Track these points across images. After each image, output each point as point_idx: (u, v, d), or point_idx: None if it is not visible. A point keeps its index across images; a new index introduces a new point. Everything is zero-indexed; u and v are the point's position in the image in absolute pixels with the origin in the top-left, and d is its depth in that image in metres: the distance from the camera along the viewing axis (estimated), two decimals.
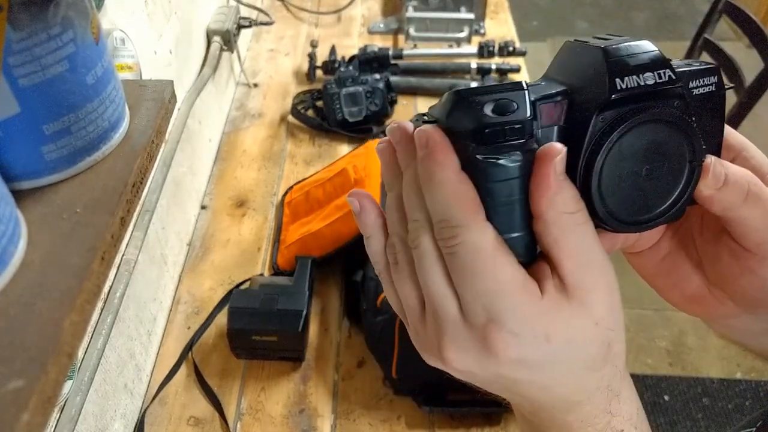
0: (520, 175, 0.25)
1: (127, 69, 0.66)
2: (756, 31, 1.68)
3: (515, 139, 0.25)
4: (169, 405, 0.80)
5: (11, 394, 0.28)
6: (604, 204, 0.26)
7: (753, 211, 0.28)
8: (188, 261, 0.98)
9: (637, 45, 0.26)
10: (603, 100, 0.25)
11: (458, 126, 0.25)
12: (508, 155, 0.25)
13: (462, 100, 0.25)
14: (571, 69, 0.27)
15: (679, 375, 1.78)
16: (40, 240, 0.35)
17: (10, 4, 0.32)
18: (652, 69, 0.26)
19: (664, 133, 0.26)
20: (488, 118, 0.25)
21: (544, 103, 0.26)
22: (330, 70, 1.31)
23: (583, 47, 0.27)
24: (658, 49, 0.26)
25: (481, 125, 0.25)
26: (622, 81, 0.25)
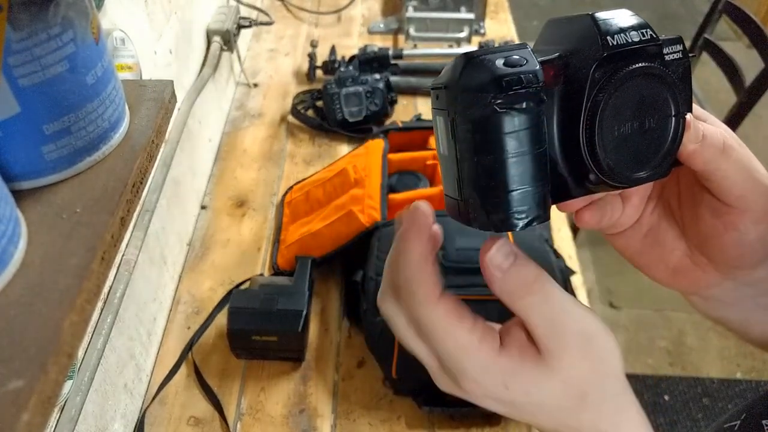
0: (534, 125, 0.26)
1: (127, 69, 0.66)
2: (756, 31, 1.68)
3: (531, 85, 0.26)
4: (169, 405, 0.80)
5: (11, 394, 0.28)
6: (607, 158, 0.27)
7: (731, 164, 0.30)
8: (188, 261, 0.98)
9: (618, 11, 0.29)
10: (597, 56, 0.27)
11: (473, 82, 0.26)
12: (525, 102, 0.26)
13: (473, 59, 0.27)
14: (560, 38, 0.29)
15: (679, 375, 1.78)
16: (40, 240, 0.35)
17: (10, 4, 0.32)
18: (636, 29, 0.28)
19: (652, 87, 0.28)
20: (503, 69, 0.26)
21: (544, 65, 0.27)
22: (330, 70, 1.31)
23: (568, 19, 0.29)
24: (637, 14, 0.29)
25: (497, 75, 0.26)
26: (612, 39, 0.27)
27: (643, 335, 1.88)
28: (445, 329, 0.28)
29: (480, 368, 0.28)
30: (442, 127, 0.28)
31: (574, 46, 0.28)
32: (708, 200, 0.32)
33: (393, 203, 0.91)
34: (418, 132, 1.06)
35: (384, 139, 1.01)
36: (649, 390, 1.73)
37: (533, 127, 0.26)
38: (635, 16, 0.28)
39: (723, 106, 1.80)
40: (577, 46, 0.28)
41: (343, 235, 0.89)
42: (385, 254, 0.90)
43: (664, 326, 1.90)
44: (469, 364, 0.28)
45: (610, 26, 0.27)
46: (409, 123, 1.10)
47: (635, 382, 1.75)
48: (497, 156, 0.26)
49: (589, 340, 0.28)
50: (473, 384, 0.29)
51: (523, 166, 0.26)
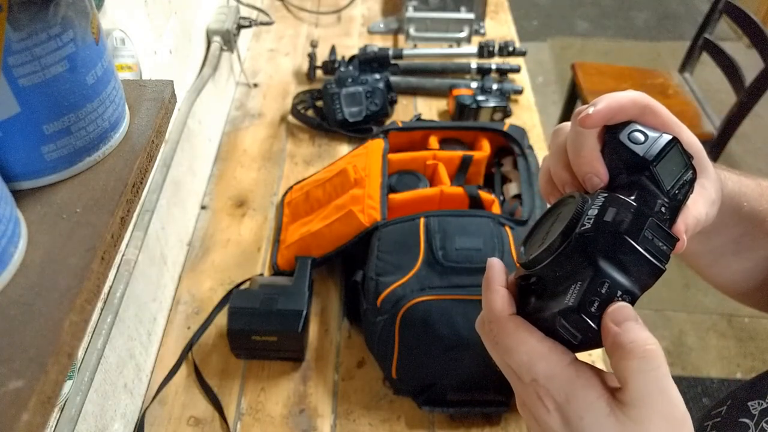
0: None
1: (127, 69, 0.66)
2: (756, 31, 1.68)
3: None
4: (169, 405, 0.80)
5: (11, 394, 0.28)
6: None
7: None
8: (188, 261, 0.98)
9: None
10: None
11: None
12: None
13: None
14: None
15: (679, 375, 1.78)
16: (40, 240, 0.35)
17: (10, 4, 0.32)
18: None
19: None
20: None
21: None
22: (330, 70, 1.31)
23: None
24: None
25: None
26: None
27: None
28: (517, 338, 0.31)
29: (547, 372, 0.30)
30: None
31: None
32: None
33: (393, 203, 0.91)
34: (418, 132, 1.06)
35: (384, 139, 1.01)
36: None
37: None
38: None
39: (723, 106, 1.80)
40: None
41: (343, 235, 0.88)
42: (385, 254, 0.90)
43: (664, 326, 1.90)
44: (539, 367, 0.30)
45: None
46: (409, 123, 1.10)
47: None
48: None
49: (678, 422, 0.28)
50: (542, 389, 0.30)
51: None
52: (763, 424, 0.39)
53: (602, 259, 0.30)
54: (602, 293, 0.30)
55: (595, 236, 0.30)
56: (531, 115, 1.26)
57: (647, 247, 0.30)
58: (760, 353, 1.84)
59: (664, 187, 0.32)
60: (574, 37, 3.24)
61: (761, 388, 0.41)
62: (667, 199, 0.32)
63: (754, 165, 2.47)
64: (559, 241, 0.31)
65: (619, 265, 0.30)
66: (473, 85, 1.25)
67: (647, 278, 0.30)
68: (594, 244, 0.30)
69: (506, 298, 0.32)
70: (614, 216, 0.30)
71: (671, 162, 0.33)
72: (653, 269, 0.30)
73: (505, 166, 1.05)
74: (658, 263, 0.30)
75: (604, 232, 0.30)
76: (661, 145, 0.32)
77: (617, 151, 0.33)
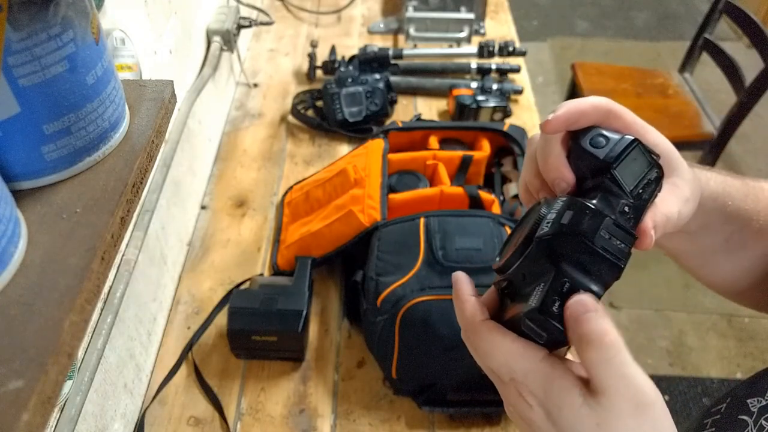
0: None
1: (127, 69, 0.66)
2: (756, 31, 1.68)
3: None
4: (169, 405, 0.80)
5: (11, 394, 0.28)
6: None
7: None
8: (188, 261, 0.98)
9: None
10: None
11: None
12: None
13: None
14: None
15: (679, 375, 1.78)
16: (40, 240, 0.35)
17: (10, 4, 0.32)
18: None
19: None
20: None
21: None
22: (330, 70, 1.31)
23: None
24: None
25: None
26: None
27: (643, 335, 1.88)
28: (491, 341, 0.32)
29: (524, 369, 0.31)
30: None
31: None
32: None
33: (393, 203, 0.91)
34: (418, 132, 1.06)
35: (384, 139, 1.01)
36: None
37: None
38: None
39: (723, 105, 1.80)
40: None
41: (343, 235, 0.88)
42: (385, 254, 0.90)
43: (664, 326, 1.90)
44: (516, 366, 0.31)
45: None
46: (409, 123, 1.10)
47: None
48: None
49: (647, 406, 0.29)
50: (522, 386, 0.31)
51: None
52: (762, 421, 0.39)
53: (562, 261, 0.31)
54: (563, 293, 0.31)
55: (553, 239, 0.31)
56: (531, 115, 1.26)
57: (603, 246, 0.31)
58: (760, 353, 1.84)
59: (626, 188, 0.33)
60: (574, 37, 3.24)
61: (761, 386, 0.41)
62: (631, 199, 0.33)
63: (754, 165, 2.47)
64: (523, 246, 0.33)
65: (578, 265, 0.31)
66: (473, 85, 1.25)
67: (607, 276, 0.31)
68: (553, 246, 0.31)
69: (475, 305, 0.34)
70: (571, 218, 0.31)
71: (633, 162, 0.34)
72: (611, 267, 0.31)
73: (505, 166, 1.05)
74: (616, 261, 0.31)
75: (562, 234, 0.31)
76: (621, 147, 0.34)
77: (580, 156, 0.35)
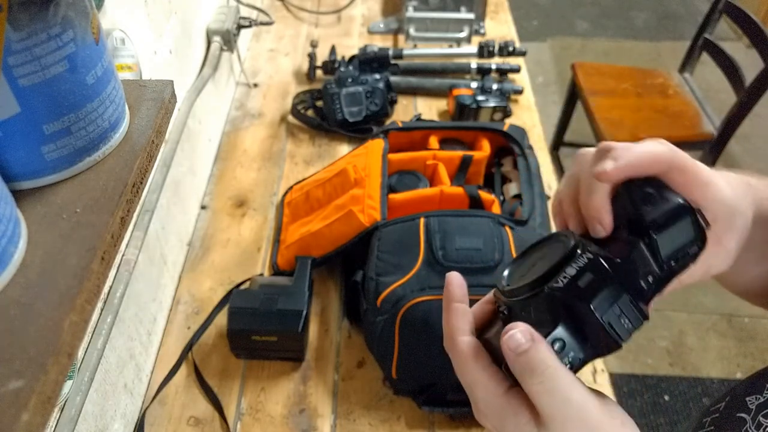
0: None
1: (127, 69, 0.66)
2: (756, 31, 1.68)
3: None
4: (169, 405, 0.80)
5: (11, 394, 0.28)
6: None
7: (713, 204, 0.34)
8: (188, 261, 0.98)
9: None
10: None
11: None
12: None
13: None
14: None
15: (679, 375, 1.78)
16: (40, 240, 0.35)
17: (10, 4, 0.32)
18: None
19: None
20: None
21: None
22: (330, 70, 1.31)
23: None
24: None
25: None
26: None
27: (642, 335, 1.88)
28: (463, 363, 0.33)
29: (485, 402, 0.32)
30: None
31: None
32: None
33: (393, 203, 0.91)
34: (418, 132, 1.06)
35: (384, 139, 1.01)
36: (649, 390, 1.73)
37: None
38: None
39: (723, 105, 1.80)
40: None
41: (343, 235, 0.88)
42: (385, 254, 0.90)
43: (664, 326, 1.90)
44: (478, 395, 0.33)
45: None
46: (409, 123, 1.09)
47: (635, 381, 1.75)
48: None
49: (594, 424, 0.30)
50: (482, 414, 0.33)
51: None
52: (759, 418, 0.39)
53: (563, 321, 0.30)
54: (554, 346, 0.31)
55: (564, 296, 0.30)
56: (531, 115, 1.26)
57: (610, 323, 0.30)
58: (760, 353, 1.84)
59: (661, 258, 0.31)
60: (574, 37, 3.24)
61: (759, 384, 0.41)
62: (659, 271, 0.31)
63: (753, 165, 2.47)
64: (532, 287, 0.32)
65: (577, 332, 0.30)
66: (473, 85, 1.25)
67: (603, 350, 0.31)
68: (560, 303, 0.30)
69: (460, 317, 0.34)
70: (589, 282, 0.30)
71: (677, 232, 0.32)
72: (610, 344, 0.31)
73: (505, 166, 1.05)
74: (617, 339, 0.30)
75: (573, 296, 0.30)
76: (670, 213, 0.31)
77: (625, 207, 0.32)
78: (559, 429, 0.30)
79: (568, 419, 0.30)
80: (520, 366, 0.30)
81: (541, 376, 0.30)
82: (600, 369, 0.84)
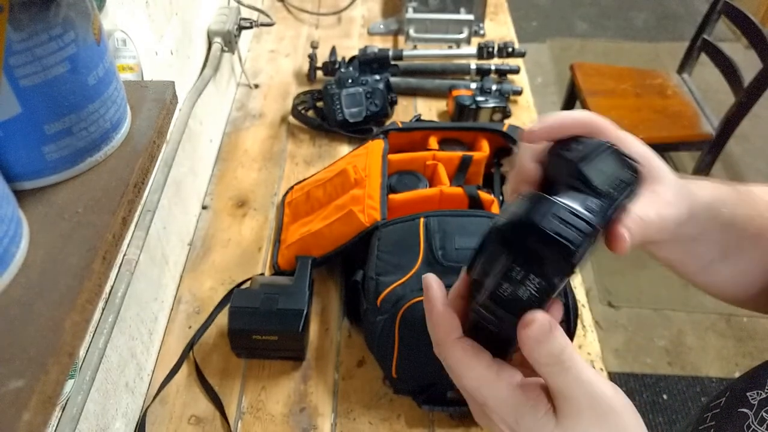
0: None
1: (129, 70, 0.66)
2: (755, 32, 1.68)
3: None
4: (170, 404, 0.80)
5: (12, 394, 0.28)
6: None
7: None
8: (189, 261, 0.98)
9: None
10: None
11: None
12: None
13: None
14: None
15: (678, 374, 1.78)
16: (42, 240, 0.35)
17: (11, 5, 0.32)
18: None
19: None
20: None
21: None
22: (330, 70, 1.31)
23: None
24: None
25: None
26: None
27: (641, 335, 1.88)
28: (465, 364, 0.32)
29: (497, 399, 0.31)
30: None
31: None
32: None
33: (393, 203, 0.91)
34: (417, 132, 1.06)
35: (384, 139, 1.01)
36: (648, 389, 1.73)
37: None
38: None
39: (722, 106, 1.81)
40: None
41: (344, 235, 0.89)
42: (385, 254, 0.90)
43: (663, 326, 1.91)
44: (488, 393, 0.32)
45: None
46: (409, 123, 1.10)
47: (634, 381, 1.75)
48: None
49: (606, 415, 0.30)
50: (493, 413, 0.32)
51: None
52: (762, 413, 0.39)
53: (512, 248, 0.31)
54: (515, 278, 0.31)
55: (504, 227, 0.31)
56: (530, 115, 1.26)
57: (554, 230, 0.30)
58: (759, 353, 1.85)
59: (593, 183, 0.33)
60: (573, 38, 3.24)
61: (760, 379, 0.42)
62: (600, 198, 0.33)
63: (752, 165, 2.48)
64: (480, 240, 0.33)
65: (529, 252, 0.31)
66: (473, 86, 1.25)
67: (560, 263, 0.30)
68: (503, 234, 0.31)
69: (448, 320, 0.33)
70: (526, 208, 0.31)
71: (603, 163, 0.34)
72: (562, 251, 0.30)
73: (505, 166, 1.05)
74: (567, 244, 0.30)
75: (513, 223, 0.31)
76: (591, 148, 0.34)
77: (555, 162, 0.35)
78: (575, 414, 0.30)
79: (585, 404, 0.30)
80: (542, 354, 0.30)
81: (564, 362, 0.30)
82: (599, 368, 0.84)
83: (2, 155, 0.36)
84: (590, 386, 0.30)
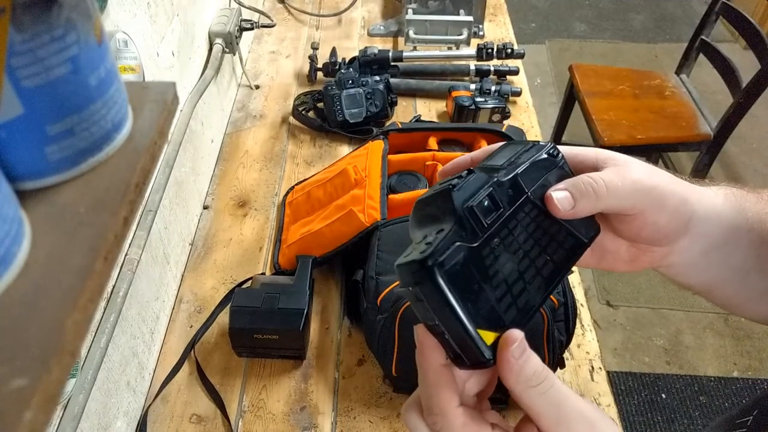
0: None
1: (130, 71, 0.67)
2: (753, 33, 1.68)
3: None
4: (171, 403, 0.81)
5: (14, 393, 0.28)
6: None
7: (608, 200, 0.35)
8: (190, 260, 0.98)
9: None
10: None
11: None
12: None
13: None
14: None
15: (676, 373, 1.78)
16: (43, 240, 0.35)
17: (14, 7, 0.32)
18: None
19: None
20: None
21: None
22: (330, 71, 1.31)
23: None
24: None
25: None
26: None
27: (640, 334, 1.88)
28: (472, 430, 0.31)
29: None
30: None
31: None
32: (615, 217, 0.39)
33: (393, 203, 0.91)
34: (417, 133, 1.07)
35: (384, 140, 1.01)
36: (646, 388, 1.74)
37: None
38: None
39: (720, 107, 1.81)
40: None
41: (344, 235, 0.89)
42: (385, 254, 0.90)
43: (661, 325, 1.91)
44: None
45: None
46: (409, 124, 1.10)
47: (632, 380, 1.75)
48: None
49: (593, 424, 0.31)
50: None
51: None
52: None
53: (428, 216, 0.34)
54: (437, 238, 0.31)
55: (429, 198, 0.34)
56: (529, 116, 1.27)
57: (467, 203, 0.33)
58: (756, 352, 1.85)
59: (500, 164, 0.37)
60: (571, 39, 3.25)
61: None
62: (503, 170, 0.36)
63: (750, 166, 2.48)
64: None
65: (428, 217, 0.33)
66: (472, 87, 1.25)
67: (466, 224, 0.32)
68: (426, 207, 0.34)
69: (454, 384, 0.32)
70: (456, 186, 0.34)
71: (506, 149, 0.39)
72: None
73: None
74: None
75: (436, 192, 0.34)
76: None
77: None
78: (565, 424, 0.30)
79: (573, 416, 0.30)
80: (524, 378, 0.30)
81: (545, 382, 0.30)
82: (597, 367, 0.85)
83: (4, 156, 0.36)
84: (572, 400, 0.31)
